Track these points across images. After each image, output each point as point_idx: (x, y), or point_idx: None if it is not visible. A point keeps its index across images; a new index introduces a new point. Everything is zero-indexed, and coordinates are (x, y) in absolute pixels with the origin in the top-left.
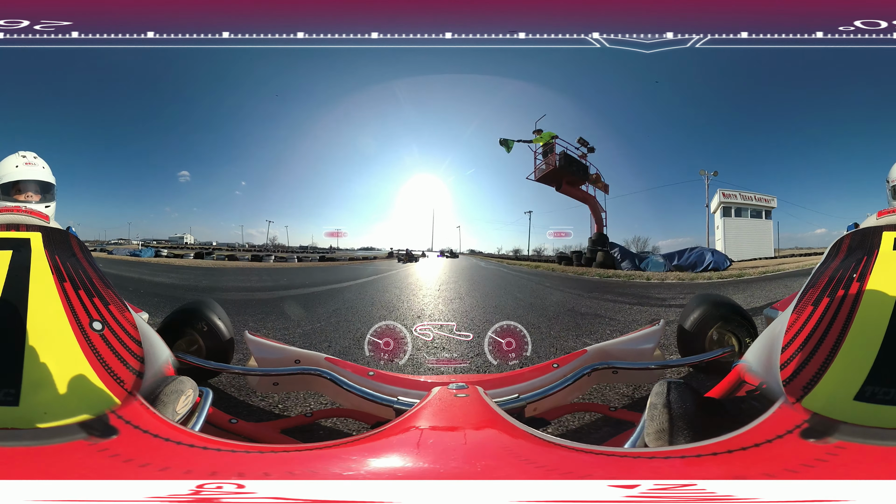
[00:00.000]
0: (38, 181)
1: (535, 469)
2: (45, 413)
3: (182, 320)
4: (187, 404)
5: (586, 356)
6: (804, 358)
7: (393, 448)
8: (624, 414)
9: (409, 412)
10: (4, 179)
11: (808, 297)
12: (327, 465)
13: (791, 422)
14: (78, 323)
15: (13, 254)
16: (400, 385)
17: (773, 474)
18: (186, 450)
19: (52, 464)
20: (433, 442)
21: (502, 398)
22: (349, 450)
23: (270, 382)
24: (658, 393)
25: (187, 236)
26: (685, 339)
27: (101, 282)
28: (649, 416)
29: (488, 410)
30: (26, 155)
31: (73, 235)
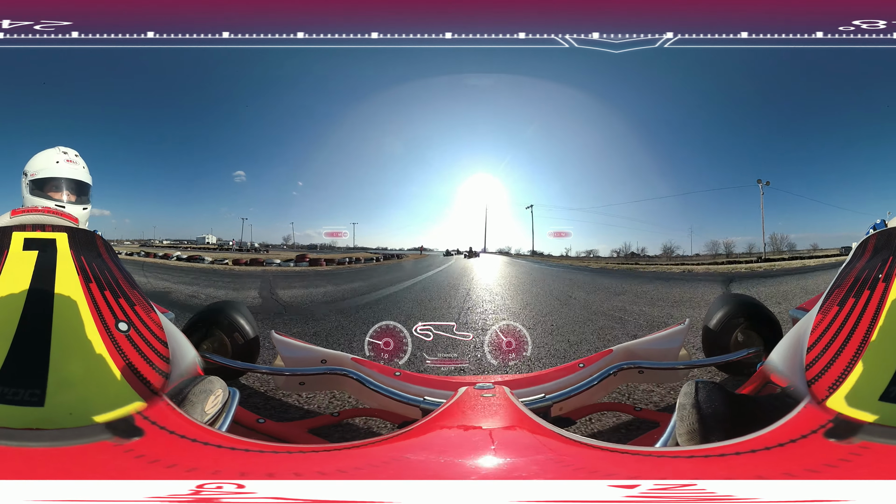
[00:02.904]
0: (77, 181)
1: (564, 469)
2: (70, 414)
3: (207, 320)
4: (216, 404)
5: (612, 356)
6: (830, 358)
7: (420, 448)
8: (649, 414)
9: (436, 412)
10: (42, 174)
11: (833, 297)
12: (356, 465)
13: (815, 422)
14: (104, 323)
15: (39, 254)
16: (426, 385)
17: (795, 474)
18: (214, 450)
19: (77, 464)
20: (460, 442)
21: (529, 398)
22: (377, 449)
23: (297, 382)
24: (687, 393)
25: (209, 237)
26: (710, 339)
27: (126, 282)
28: (679, 416)
29: (515, 410)
30: (67, 152)
31: (99, 236)
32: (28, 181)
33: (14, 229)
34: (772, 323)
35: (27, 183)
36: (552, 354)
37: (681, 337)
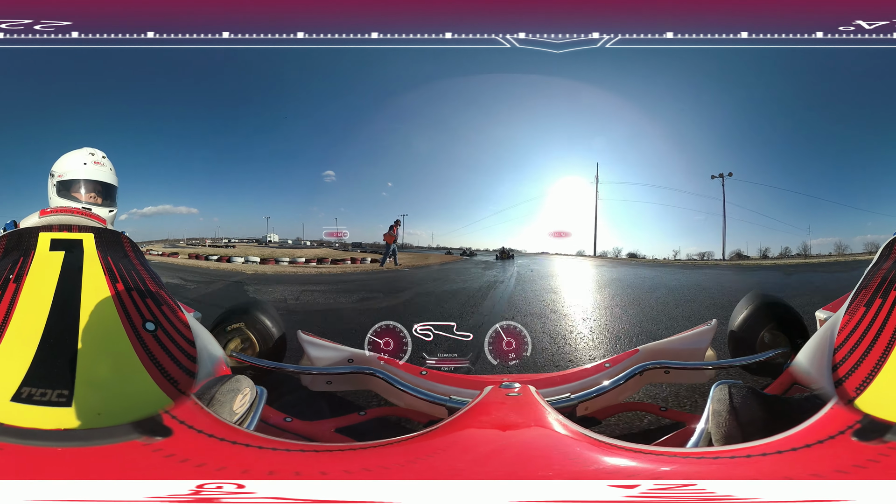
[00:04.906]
0: (104, 183)
1: (589, 469)
2: (98, 414)
3: (233, 320)
4: (244, 403)
5: (638, 356)
6: (857, 359)
7: (447, 447)
8: (675, 414)
9: (462, 411)
10: (69, 176)
11: (860, 298)
12: (382, 464)
13: (843, 422)
14: (131, 323)
15: (66, 255)
16: (452, 384)
17: (824, 475)
18: (242, 449)
19: (108, 464)
20: (486, 440)
21: (554, 397)
22: (403, 448)
23: (324, 381)
24: (720, 399)
25: (272, 235)
26: (736, 340)
27: (153, 282)
28: (715, 422)
29: (541, 410)
30: (95, 153)
31: (126, 236)
32: (55, 182)
33: (41, 230)
34: (799, 324)
35: (54, 184)
36: None
37: (708, 337)
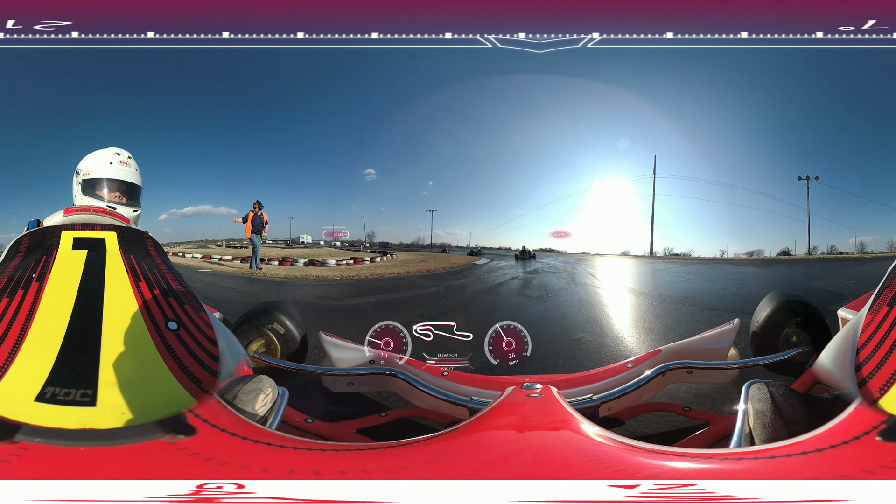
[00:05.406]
0: (128, 183)
1: (610, 471)
2: (122, 413)
3: (255, 320)
4: (266, 403)
5: (660, 356)
6: (881, 358)
7: (466, 447)
8: (699, 414)
9: (484, 411)
10: (94, 175)
11: (883, 297)
12: (402, 464)
13: (868, 423)
14: (153, 323)
15: (88, 253)
16: (473, 385)
17: (851, 475)
18: (265, 448)
19: (132, 463)
20: (506, 441)
21: (576, 398)
22: (425, 449)
23: (345, 382)
24: (761, 399)
25: (304, 237)
26: (758, 339)
27: (176, 281)
28: (760, 421)
29: (562, 410)
30: (121, 153)
31: (149, 236)
32: (80, 180)
33: (63, 228)
34: (821, 323)
35: (79, 182)
36: None
37: (731, 336)
